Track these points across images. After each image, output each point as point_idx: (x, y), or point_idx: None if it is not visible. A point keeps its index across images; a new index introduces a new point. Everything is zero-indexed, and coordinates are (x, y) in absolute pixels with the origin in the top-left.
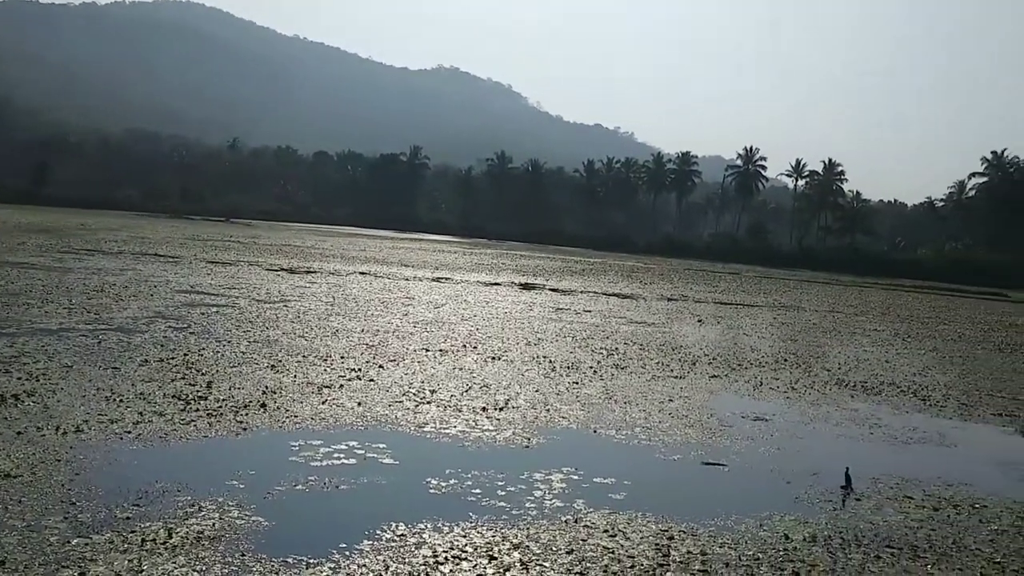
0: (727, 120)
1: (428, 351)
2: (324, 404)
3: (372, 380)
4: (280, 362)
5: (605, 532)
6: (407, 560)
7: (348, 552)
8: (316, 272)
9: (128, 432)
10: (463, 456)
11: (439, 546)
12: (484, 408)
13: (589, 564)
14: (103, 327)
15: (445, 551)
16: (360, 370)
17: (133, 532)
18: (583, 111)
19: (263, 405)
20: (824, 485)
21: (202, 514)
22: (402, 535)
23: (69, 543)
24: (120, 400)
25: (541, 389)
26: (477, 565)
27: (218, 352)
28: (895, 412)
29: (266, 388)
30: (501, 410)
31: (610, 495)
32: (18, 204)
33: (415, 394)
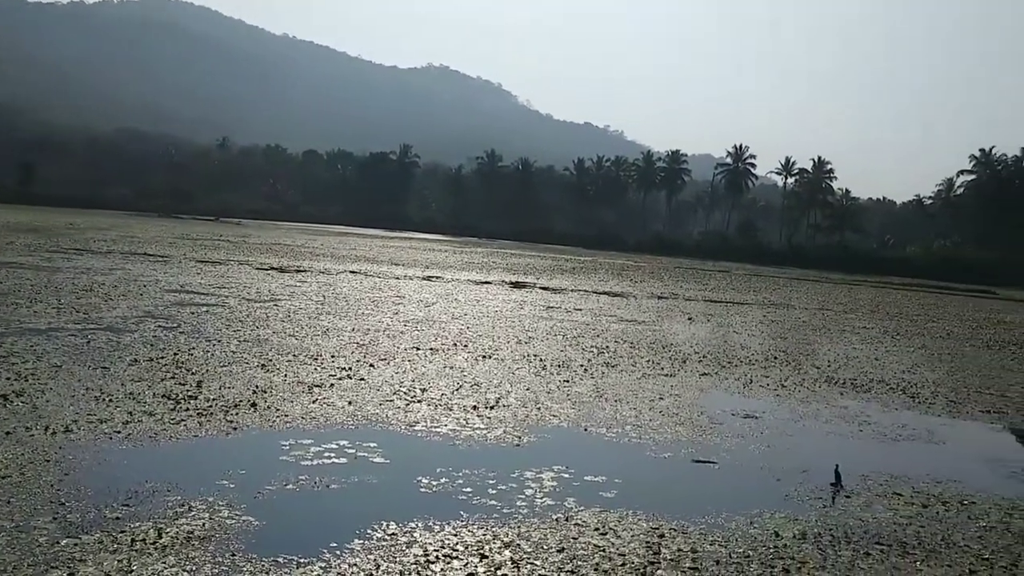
0: (723, 120)
1: (419, 350)
2: (314, 403)
3: (363, 379)
4: (270, 361)
5: (596, 530)
6: (398, 559)
7: (339, 551)
8: (306, 271)
9: (118, 432)
10: (454, 455)
11: (430, 545)
12: (475, 407)
13: (580, 562)
14: (92, 327)
15: (436, 550)
16: (351, 369)
17: (123, 532)
18: (572, 110)
19: (253, 404)
20: (814, 482)
21: (192, 514)
22: (393, 534)
23: (58, 544)
24: (109, 400)
25: (532, 387)
26: (468, 564)
27: (208, 351)
28: (884, 409)
29: (256, 387)
30: (492, 409)
31: (601, 493)
32: (6, 203)
33: (406, 393)
